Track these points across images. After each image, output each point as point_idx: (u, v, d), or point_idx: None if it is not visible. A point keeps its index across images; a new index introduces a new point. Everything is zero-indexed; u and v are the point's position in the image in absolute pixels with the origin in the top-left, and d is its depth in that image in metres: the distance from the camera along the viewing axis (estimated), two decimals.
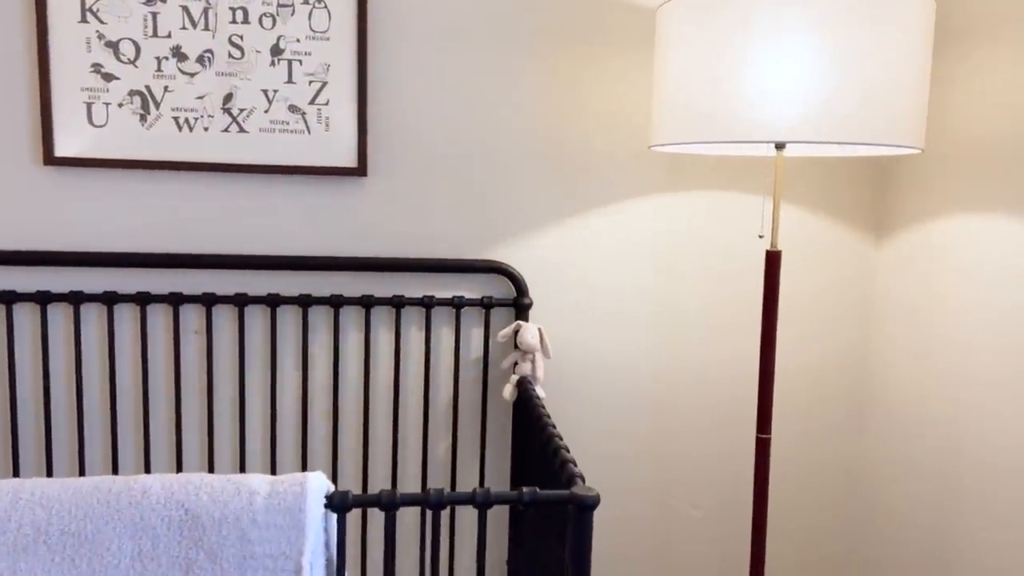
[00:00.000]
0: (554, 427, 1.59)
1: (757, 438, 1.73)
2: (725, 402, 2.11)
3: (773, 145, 1.74)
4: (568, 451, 1.46)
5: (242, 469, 1.94)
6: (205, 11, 1.80)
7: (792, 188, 2.05)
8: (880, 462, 2.10)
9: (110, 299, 1.84)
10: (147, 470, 1.90)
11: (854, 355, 2.14)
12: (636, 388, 2.08)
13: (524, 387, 1.88)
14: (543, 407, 1.71)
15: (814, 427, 2.15)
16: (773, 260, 1.68)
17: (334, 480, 1.96)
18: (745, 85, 1.52)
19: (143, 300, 1.85)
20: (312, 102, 1.86)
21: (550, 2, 1.93)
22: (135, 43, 1.80)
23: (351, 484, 2.01)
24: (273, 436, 1.93)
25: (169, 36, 1.80)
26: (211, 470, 1.93)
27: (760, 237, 1.67)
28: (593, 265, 2.02)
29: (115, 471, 1.89)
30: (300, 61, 1.85)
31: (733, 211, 2.05)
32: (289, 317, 1.94)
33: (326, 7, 1.84)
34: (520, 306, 1.95)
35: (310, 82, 1.86)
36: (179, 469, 1.91)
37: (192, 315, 1.92)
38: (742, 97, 1.53)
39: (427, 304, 1.93)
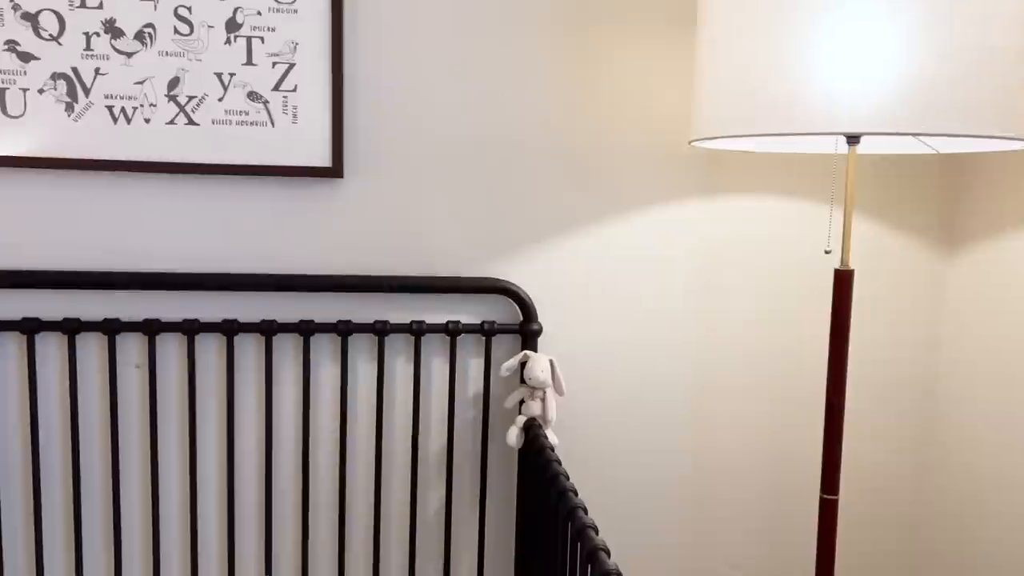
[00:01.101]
0: (567, 478, 1.29)
1: (822, 499, 1.41)
2: (774, 449, 1.79)
3: (844, 139, 1.42)
4: (586, 513, 1.16)
5: (193, 538, 1.60)
6: None
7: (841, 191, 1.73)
8: (950, 515, 1.78)
9: (31, 327, 1.51)
10: (79, 535, 1.57)
11: (920, 387, 1.82)
12: (667, 433, 1.75)
13: (532, 431, 1.56)
14: (555, 456, 1.39)
15: (877, 476, 1.83)
16: (844, 281, 1.36)
17: (303, 545, 1.63)
18: (811, 64, 1.22)
19: (71, 328, 1.52)
20: (276, 88, 1.54)
21: None
22: (58, 15, 1.47)
23: (323, 549, 1.68)
24: (230, 493, 1.60)
25: (101, 7, 1.48)
26: (156, 540, 1.59)
27: (827, 252, 1.35)
28: (615, 285, 1.70)
29: (40, 534, 1.56)
30: (262, 38, 1.52)
31: (787, 220, 1.73)
32: (249, 347, 1.62)
33: None
34: (527, 333, 1.63)
35: (274, 64, 1.53)
36: (119, 534, 1.58)
37: (131, 345, 1.59)
38: (807, 79, 1.23)
39: (416, 331, 1.60)
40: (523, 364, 1.62)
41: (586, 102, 1.64)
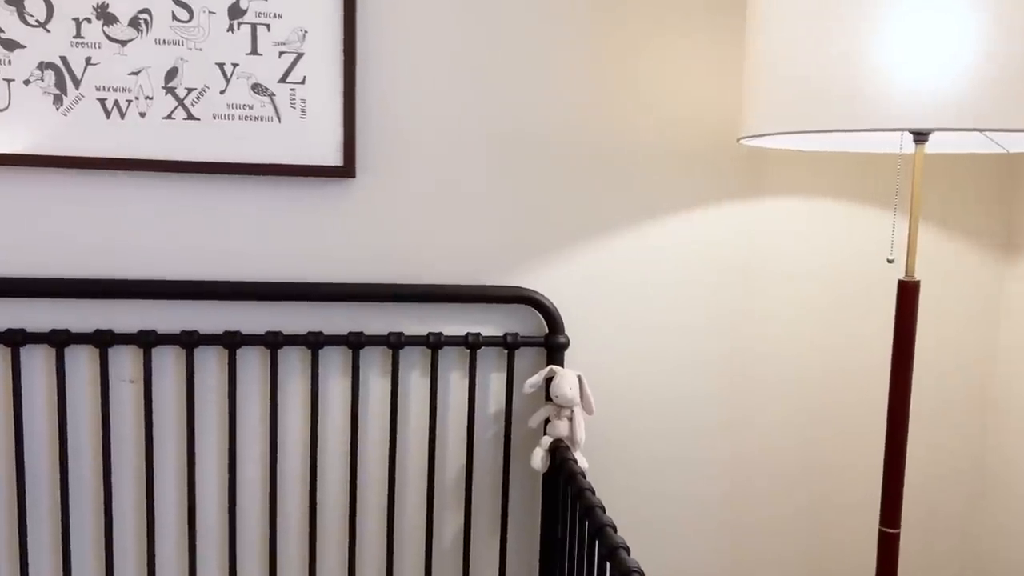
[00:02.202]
0: (603, 509, 1.17)
1: (882, 532, 1.28)
2: (815, 468, 1.66)
3: (909, 137, 1.29)
4: (627, 551, 1.04)
5: (191, 565, 1.48)
6: None
7: (904, 194, 1.60)
8: (1009, 533, 1.65)
9: (15, 339, 1.39)
10: (68, 563, 1.44)
11: (977, 402, 1.68)
12: (703, 455, 1.62)
13: (559, 453, 1.44)
14: (588, 484, 1.27)
15: (933, 505, 1.70)
16: (909, 293, 1.23)
17: (311, 573, 1.50)
18: (875, 54, 1.11)
19: (59, 340, 1.39)
20: (283, 80, 1.41)
21: None
22: None
23: None
24: (231, 519, 1.47)
25: None
26: (152, 568, 1.47)
27: (889, 261, 1.23)
28: (648, 294, 1.57)
29: (26, 563, 1.44)
30: (268, 26, 1.40)
31: (837, 224, 1.60)
32: (252, 361, 1.49)
33: None
34: (553, 346, 1.50)
35: (281, 53, 1.41)
36: (111, 562, 1.45)
37: (125, 359, 1.46)
38: (871, 70, 1.11)
39: (433, 343, 1.48)
40: (549, 380, 1.49)
41: (617, 96, 1.52)
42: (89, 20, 1.36)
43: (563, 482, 1.40)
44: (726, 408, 1.62)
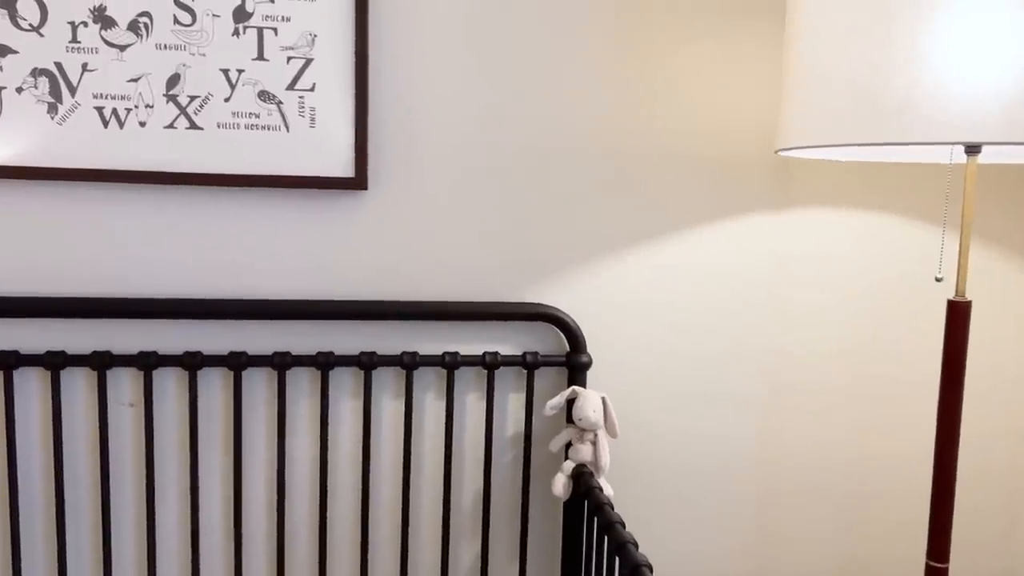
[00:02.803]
0: (636, 546, 1.11)
1: (928, 567, 1.20)
2: (852, 496, 1.58)
3: (960, 148, 1.22)
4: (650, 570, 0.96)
5: None
6: None
7: (952, 209, 1.53)
8: None
9: (8, 362, 1.31)
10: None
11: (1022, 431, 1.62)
12: (734, 481, 1.55)
13: (583, 479, 1.36)
14: (615, 513, 1.20)
15: (978, 534, 1.62)
16: (959, 314, 1.16)
17: None
18: (925, 62, 1.03)
19: (55, 363, 1.32)
20: (292, 87, 1.34)
21: None
22: (40, 2, 1.27)
23: None
24: (237, 549, 1.40)
25: None
26: None
27: (938, 280, 1.15)
28: (674, 310, 1.50)
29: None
30: (275, 30, 1.32)
31: (874, 237, 1.53)
32: (259, 383, 1.41)
33: None
34: (575, 366, 1.43)
35: (289, 59, 1.33)
36: None
37: (124, 382, 1.39)
38: (921, 79, 1.03)
39: (449, 363, 1.40)
40: (571, 401, 1.42)
41: (642, 103, 1.44)
42: (85, 24, 1.28)
43: (588, 512, 1.33)
44: (756, 432, 1.54)
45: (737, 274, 1.50)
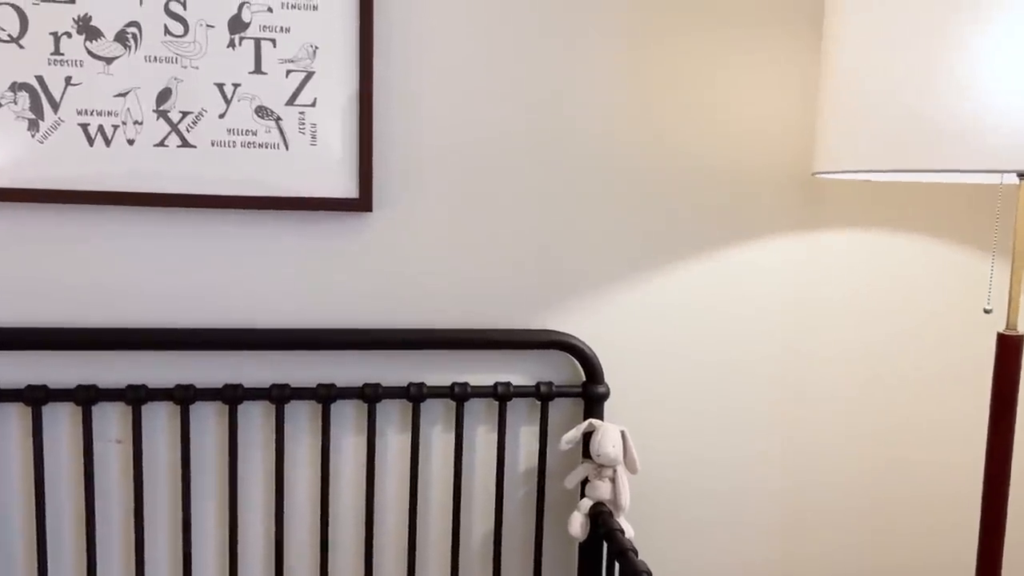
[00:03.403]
0: None
1: None
2: (880, 539, 1.51)
3: (1015, 175, 1.15)
4: None
5: None
6: None
7: (1003, 234, 1.46)
8: None
9: None
10: None
11: None
12: (759, 519, 1.47)
13: (601, 518, 1.28)
14: (641, 561, 1.12)
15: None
16: (1010, 349, 1.09)
17: None
18: (973, 82, 0.95)
19: (36, 398, 1.22)
20: (291, 102, 1.25)
21: None
22: (19, 10, 1.18)
23: None
24: None
25: (72, 1, 1.19)
26: None
27: (987, 312, 1.08)
28: (697, 338, 1.42)
29: None
30: (273, 41, 1.24)
31: (914, 262, 1.45)
32: (255, 418, 1.32)
33: None
34: (592, 397, 1.35)
35: (288, 72, 1.24)
36: None
37: (111, 417, 1.29)
38: (970, 100, 0.95)
39: (458, 395, 1.32)
40: (587, 435, 1.34)
41: (663, 119, 1.36)
42: (69, 35, 1.19)
43: (608, 556, 1.25)
44: (782, 468, 1.46)
45: (763, 299, 1.42)
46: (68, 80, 1.20)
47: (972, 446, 1.51)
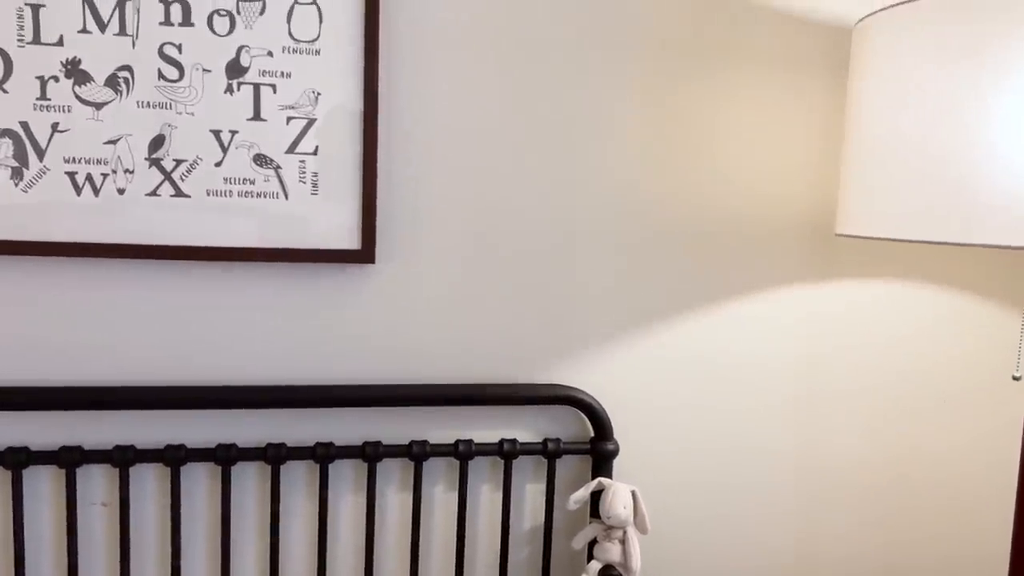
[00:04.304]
0: None
1: None
2: None
3: None
4: None
5: None
6: (121, 4, 1.13)
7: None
8: None
9: None
10: None
11: None
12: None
13: None
14: None
15: None
16: None
17: None
18: (1006, 148, 0.91)
19: (17, 461, 1.15)
20: (292, 150, 1.19)
21: (672, 12, 1.29)
22: (3, 52, 1.11)
23: None
24: None
25: (61, 43, 1.12)
26: None
27: (1016, 379, 1.05)
28: (709, 394, 1.37)
29: None
30: (273, 86, 1.18)
31: (939, 319, 1.42)
32: (250, 479, 1.26)
33: (315, 2, 1.17)
34: (601, 454, 1.30)
35: (289, 119, 1.19)
36: None
37: (97, 480, 1.22)
38: (1014, 175, 0.91)
39: (462, 453, 1.27)
40: (596, 494, 1.29)
41: (677, 168, 1.32)
42: (57, 79, 1.12)
43: None
44: (797, 531, 1.42)
45: (777, 354, 1.38)
46: (55, 126, 1.13)
47: (996, 524, 1.48)
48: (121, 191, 1.16)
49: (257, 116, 1.18)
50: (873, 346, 1.41)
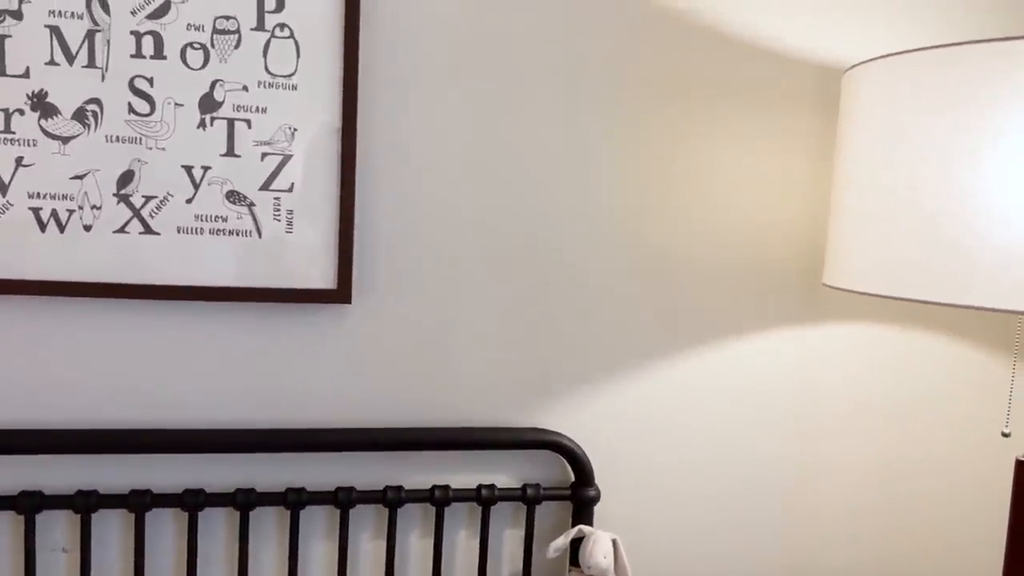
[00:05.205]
0: None
1: None
2: None
3: None
4: None
5: None
6: (90, 35, 1.09)
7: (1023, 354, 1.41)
8: None
9: None
10: None
11: None
12: None
13: None
14: None
15: None
16: None
17: None
18: (1018, 212, 0.89)
19: None
20: (266, 187, 1.16)
21: (664, 50, 1.26)
22: None
23: None
24: None
25: (26, 75, 1.08)
26: None
27: (1005, 435, 1.02)
28: (693, 438, 1.34)
29: None
30: (248, 122, 1.14)
31: (934, 369, 1.39)
32: (218, 524, 1.22)
33: (292, 36, 1.14)
34: (582, 500, 1.26)
35: (264, 155, 1.15)
36: None
37: (58, 526, 1.18)
38: (1009, 233, 0.89)
39: (438, 499, 1.23)
40: (576, 542, 1.26)
41: (660, 207, 1.29)
42: (22, 112, 1.08)
43: None
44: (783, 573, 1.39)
45: (764, 399, 1.35)
46: (19, 161, 1.09)
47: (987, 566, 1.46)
48: (88, 228, 1.12)
49: (231, 152, 1.14)
50: (862, 391, 1.38)
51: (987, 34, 1.33)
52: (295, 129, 1.15)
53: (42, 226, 1.11)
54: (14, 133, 1.09)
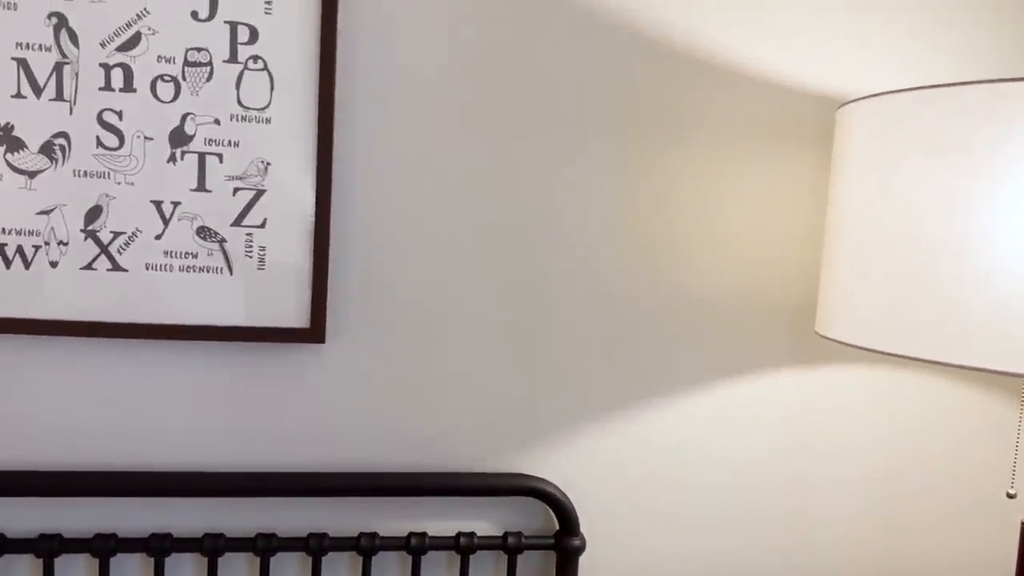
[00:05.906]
0: None
1: None
2: None
3: None
4: None
5: None
6: (58, 68, 1.06)
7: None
8: None
9: None
10: None
11: None
12: None
13: None
14: None
15: None
16: None
17: None
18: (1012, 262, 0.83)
19: None
20: (238, 222, 1.12)
21: (656, 86, 1.21)
22: None
23: None
24: None
25: None
26: None
27: (1010, 496, 0.95)
28: (682, 484, 1.28)
29: None
30: (220, 156, 1.11)
31: (936, 417, 1.32)
32: (185, 570, 1.17)
33: (266, 68, 1.11)
34: (566, 550, 1.21)
35: (236, 190, 1.12)
36: None
37: (20, 570, 1.14)
38: (1001, 285, 0.83)
39: (415, 547, 1.18)
40: None
41: (651, 243, 1.24)
42: None
43: None
44: None
45: (758, 444, 1.29)
46: None
47: None
48: (53, 264, 1.09)
49: (202, 187, 1.11)
50: (861, 437, 1.32)
51: (989, 72, 1.27)
52: (268, 163, 1.12)
53: (7, 262, 1.08)
54: None
